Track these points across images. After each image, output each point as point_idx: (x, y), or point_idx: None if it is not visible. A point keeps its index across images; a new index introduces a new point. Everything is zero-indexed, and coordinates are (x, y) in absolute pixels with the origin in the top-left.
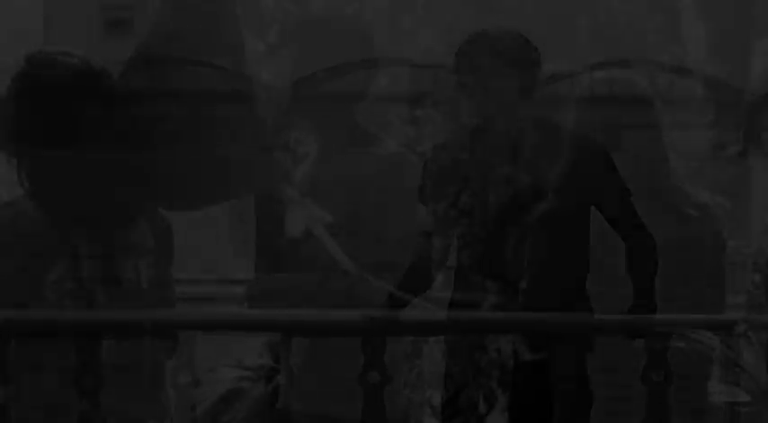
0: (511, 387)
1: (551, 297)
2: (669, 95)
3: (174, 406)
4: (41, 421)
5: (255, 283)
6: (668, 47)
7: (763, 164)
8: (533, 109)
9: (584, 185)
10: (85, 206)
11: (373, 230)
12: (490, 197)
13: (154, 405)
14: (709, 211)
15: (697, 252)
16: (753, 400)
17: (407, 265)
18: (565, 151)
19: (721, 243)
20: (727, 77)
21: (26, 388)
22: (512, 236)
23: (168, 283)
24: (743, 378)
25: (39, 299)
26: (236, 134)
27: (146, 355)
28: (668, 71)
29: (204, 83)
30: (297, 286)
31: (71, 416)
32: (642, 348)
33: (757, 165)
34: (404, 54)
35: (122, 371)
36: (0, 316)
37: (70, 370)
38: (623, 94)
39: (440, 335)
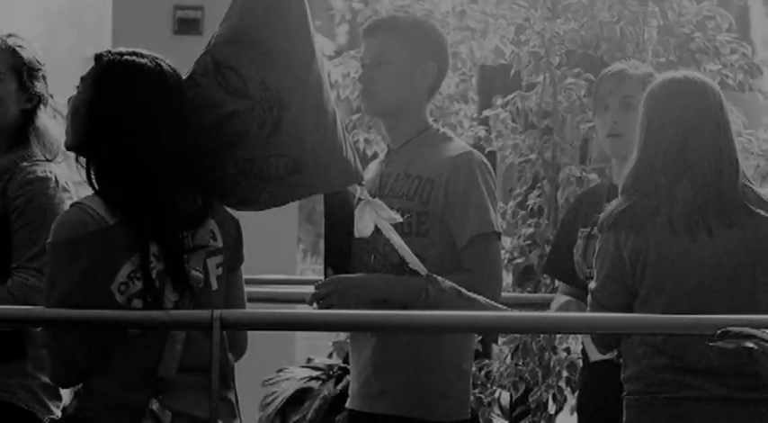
0: (580, 387)
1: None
2: (739, 95)
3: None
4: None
5: (324, 284)
6: (738, 46)
7: None
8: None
9: None
10: (154, 206)
11: (441, 231)
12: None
13: (223, 404)
14: None
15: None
16: None
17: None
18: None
19: None
20: None
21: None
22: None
23: (238, 283)
24: None
25: (108, 299)
26: (305, 134)
27: (214, 354)
28: (738, 70)
29: (271, 83)
30: (366, 286)
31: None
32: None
33: None
34: (473, 54)
35: (191, 371)
36: (68, 316)
37: (139, 370)
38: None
39: (508, 334)
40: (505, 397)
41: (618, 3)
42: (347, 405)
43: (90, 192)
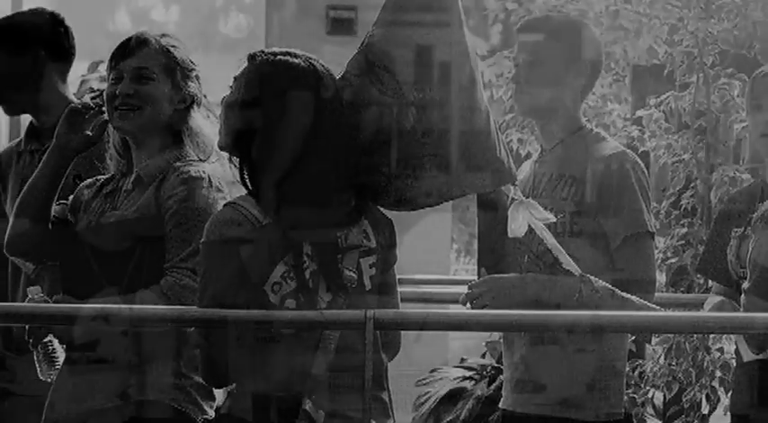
0: (733, 387)
1: None
2: None
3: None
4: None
5: (478, 284)
6: None
7: None
8: None
9: None
10: (307, 206)
11: (595, 231)
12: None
13: (376, 404)
14: None
15: None
16: None
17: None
18: None
19: None
20: None
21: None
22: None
23: (391, 283)
24: None
25: (261, 299)
26: (458, 134)
27: (368, 354)
28: None
29: (424, 83)
30: (520, 286)
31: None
32: None
33: None
34: (626, 54)
35: (344, 371)
36: (222, 316)
37: (293, 370)
38: None
39: (664, 334)
40: (659, 397)
41: None
42: (500, 405)
43: (243, 191)
